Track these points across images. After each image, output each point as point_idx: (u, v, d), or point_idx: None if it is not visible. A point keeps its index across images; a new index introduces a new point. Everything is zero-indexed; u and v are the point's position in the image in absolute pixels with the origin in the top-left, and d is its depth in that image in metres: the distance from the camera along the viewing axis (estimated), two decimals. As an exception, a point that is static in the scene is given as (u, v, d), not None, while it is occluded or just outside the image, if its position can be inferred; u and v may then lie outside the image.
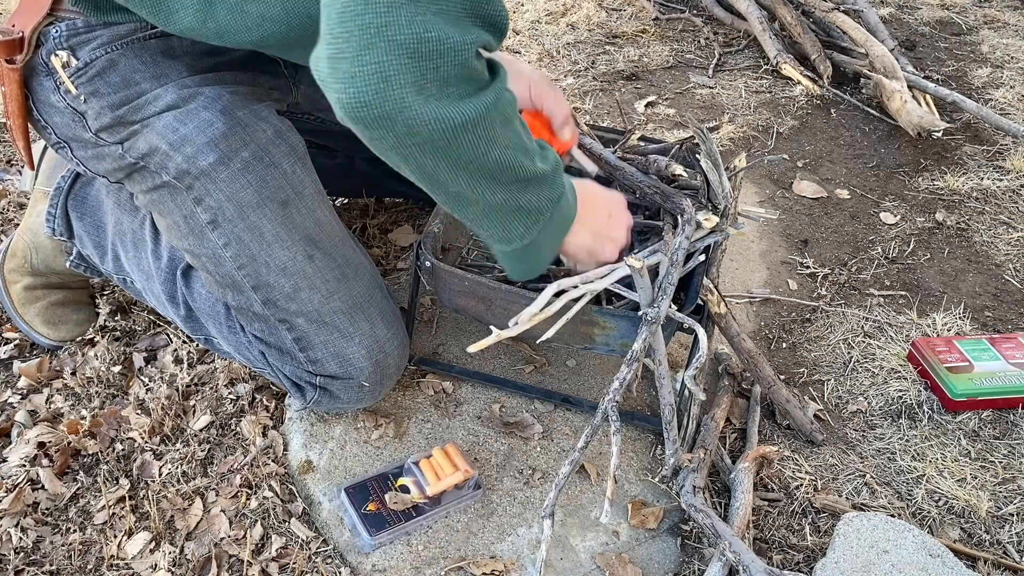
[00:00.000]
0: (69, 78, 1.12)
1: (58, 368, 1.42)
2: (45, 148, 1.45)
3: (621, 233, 1.16)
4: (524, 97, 1.25)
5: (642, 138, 1.45)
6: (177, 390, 1.36)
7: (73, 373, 1.40)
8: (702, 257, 1.21)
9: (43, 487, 1.22)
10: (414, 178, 0.93)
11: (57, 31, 1.11)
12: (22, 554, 1.13)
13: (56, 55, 1.11)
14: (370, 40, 0.79)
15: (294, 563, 1.13)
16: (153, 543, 1.15)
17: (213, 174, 1.14)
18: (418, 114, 0.83)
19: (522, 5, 2.89)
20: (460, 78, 0.84)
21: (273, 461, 1.26)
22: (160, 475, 1.24)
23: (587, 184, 1.16)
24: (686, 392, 1.29)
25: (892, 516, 1.21)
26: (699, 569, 1.14)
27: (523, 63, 1.27)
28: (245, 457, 1.26)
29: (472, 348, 1.09)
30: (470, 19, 0.83)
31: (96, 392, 1.37)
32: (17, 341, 1.46)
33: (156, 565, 1.12)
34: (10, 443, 1.28)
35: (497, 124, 0.89)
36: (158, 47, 1.14)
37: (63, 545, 1.15)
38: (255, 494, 1.22)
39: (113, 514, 1.19)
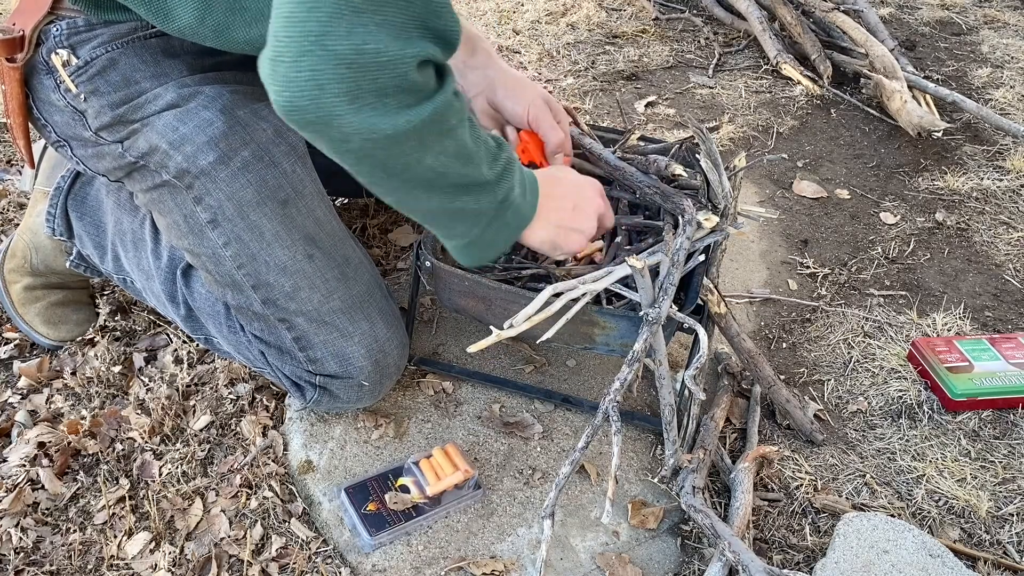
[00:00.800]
0: (69, 77, 1.12)
1: (58, 368, 1.41)
2: (45, 148, 1.45)
3: (588, 224, 1.15)
4: (521, 118, 1.25)
5: (642, 138, 1.45)
6: (177, 390, 1.36)
7: (73, 373, 1.40)
8: (702, 257, 1.21)
9: (43, 487, 1.22)
10: (356, 178, 0.96)
11: (57, 30, 1.11)
12: (22, 554, 1.13)
13: (56, 54, 1.11)
14: (308, 47, 0.81)
15: (294, 563, 1.13)
16: (153, 543, 1.15)
17: (213, 173, 1.14)
18: (350, 123, 0.84)
19: (522, 5, 2.89)
20: (398, 89, 0.84)
21: (273, 461, 1.26)
22: (160, 475, 1.24)
23: (554, 176, 1.15)
24: (686, 392, 1.29)
25: (892, 516, 1.21)
26: (699, 569, 1.14)
27: (530, 83, 1.27)
28: (245, 457, 1.26)
29: (472, 348, 1.09)
30: (416, 31, 0.84)
31: (96, 392, 1.37)
32: (17, 341, 1.46)
33: (156, 565, 1.12)
34: (10, 443, 1.28)
35: (433, 134, 0.90)
36: (158, 46, 1.14)
37: (63, 545, 1.15)
38: (255, 494, 1.21)
39: (113, 514, 1.19)
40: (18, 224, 1.57)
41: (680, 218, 1.18)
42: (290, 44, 0.81)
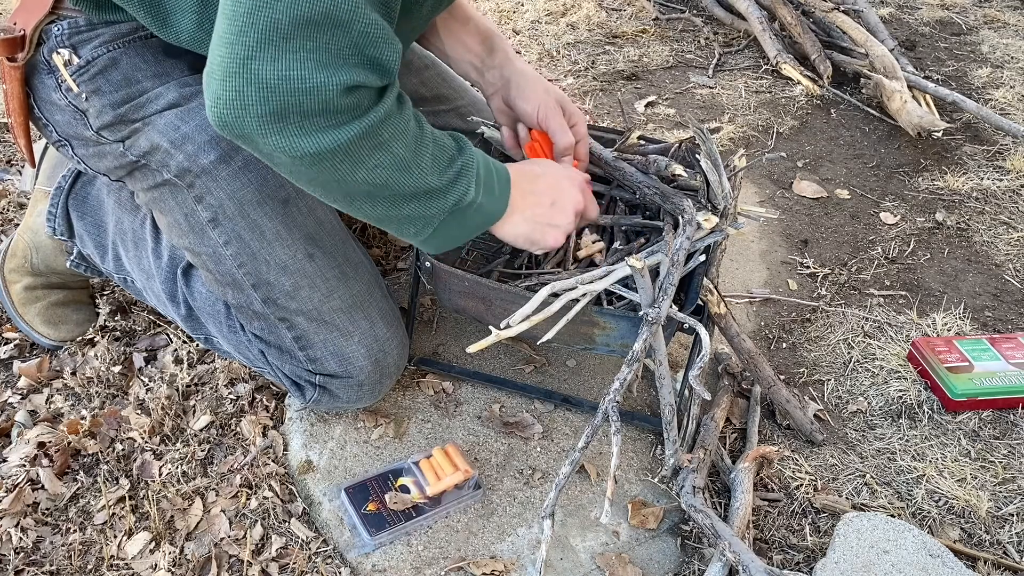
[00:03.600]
0: (71, 76, 1.12)
1: (58, 368, 1.41)
2: (45, 147, 1.45)
3: (565, 220, 1.15)
4: (532, 117, 1.25)
5: (641, 138, 1.45)
6: (177, 390, 1.36)
7: (73, 373, 1.40)
8: (702, 257, 1.21)
9: (43, 487, 1.22)
10: None
11: (59, 29, 1.11)
12: (22, 554, 1.13)
13: (58, 53, 1.11)
14: (235, 69, 0.84)
15: (294, 563, 1.13)
16: (153, 543, 1.15)
17: (214, 172, 1.14)
18: (274, 142, 0.88)
19: (522, 5, 2.89)
20: (322, 112, 0.87)
21: (273, 461, 1.26)
22: (160, 475, 1.24)
23: (532, 172, 1.15)
24: (686, 392, 1.29)
25: (892, 516, 1.21)
26: (699, 569, 1.14)
27: (544, 83, 1.27)
28: (245, 457, 1.26)
29: (471, 348, 1.09)
30: (350, 59, 0.87)
31: (96, 392, 1.37)
32: (17, 341, 1.46)
33: (156, 565, 1.12)
34: (10, 443, 1.28)
35: (364, 150, 0.92)
36: (160, 46, 1.14)
37: (63, 545, 1.15)
38: (255, 494, 1.21)
39: (113, 514, 1.19)
40: (18, 224, 1.57)
41: (680, 218, 1.18)
42: (221, 63, 0.85)
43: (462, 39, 1.29)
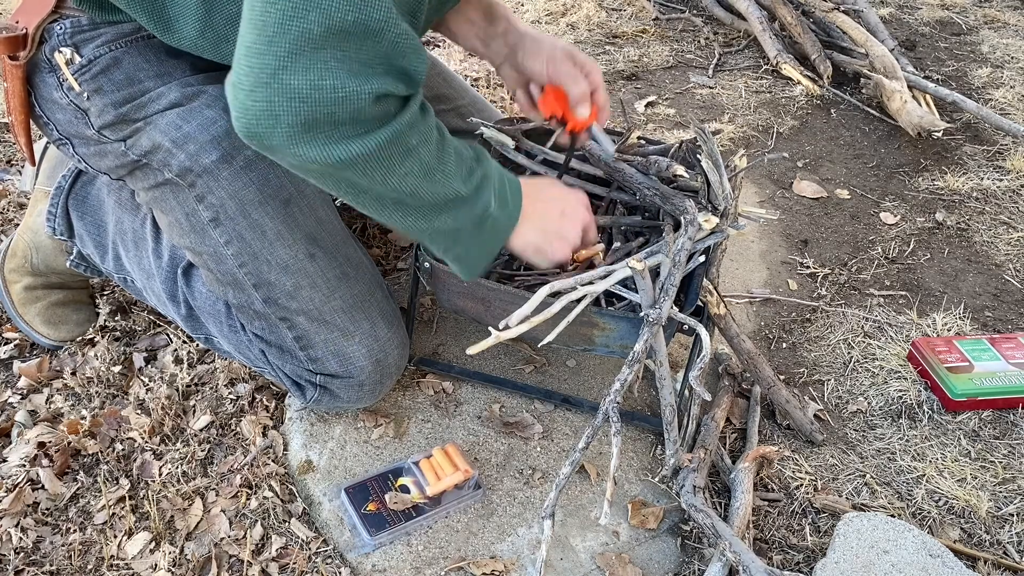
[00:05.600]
0: (73, 75, 1.12)
1: (58, 368, 1.41)
2: (46, 147, 1.45)
3: (574, 232, 1.15)
4: (542, 73, 1.24)
5: (641, 138, 1.45)
6: (177, 390, 1.36)
7: (73, 373, 1.40)
8: (702, 258, 1.21)
9: (43, 487, 1.22)
10: None
11: (61, 28, 1.11)
12: (22, 554, 1.13)
13: (60, 52, 1.11)
14: (265, 80, 0.84)
15: (294, 563, 1.13)
16: (153, 543, 1.15)
17: (215, 172, 1.14)
18: (305, 152, 0.88)
19: (522, 5, 2.89)
20: (353, 121, 0.87)
21: (273, 461, 1.26)
22: (160, 475, 1.24)
23: (540, 184, 1.16)
24: (686, 392, 1.29)
25: (892, 516, 1.21)
26: (699, 569, 1.14)
27: (550, 38, 1.25)
28: (245, 457, 1.26)
29: (472, 350, 1.08)
30: (379, 68, 0.87)
31: (96, 392, 1.36)
32: (17, 341, 1.46)
33: (156, 565, 1.12)
34: (10, 443, 1.28)
35: (393, 156, 0.92)
36: (162, 45, 1.14)
37: (63, 545, 1.15)
38: (255, 494, 1.21)
39: (113, 514, 1.19)
40: (18, 224, 1.57)
41: (682, 219, 1.18)
42: (249, 74, 0.84)
43: (465, 14, 1.29)
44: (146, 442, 1.28)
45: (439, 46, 2.51)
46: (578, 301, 1.11)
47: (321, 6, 0.82)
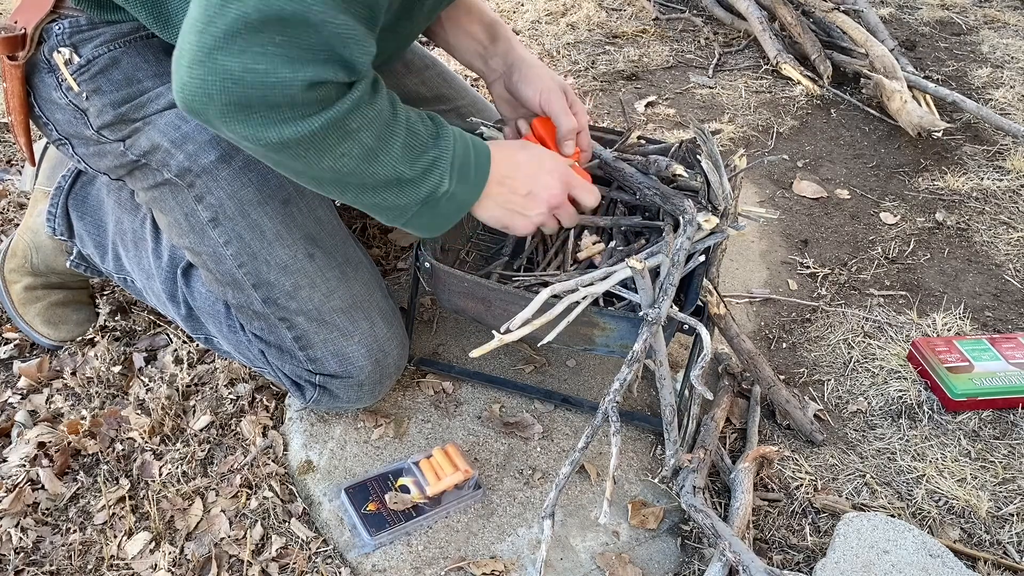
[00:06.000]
0: (71, 75, 1.12)
1: (58, 368, 1.41)
2: (46, 147, 1.45)
3: (537, 211, 1.14)
4: (533, 102, 1.25)
5: (641, 138, 1.45)
6: (177, 390, 1.36)
7: (73, 373, 1.40)
8: (702, 258, 1.21)
9: (43, 487, 1.22)
10: None
11: (60, 28, 1.11)
12: (22, 554, 1.13)
13: (59, 52, 1.11)
14: (202, 58, 0.85)
15: (294, 563, 1.13)
16: (153, 543, 1.15)
17: (214, 172, 1.14)
18: (238, 130, 0.89)
19: (522, 5, 2.89)
20: (289, 105, 0.88)
21: (273, 461, 1.26)
22: (160, 475, 1.24)
23: (514, 157, 1.13)
24: (686, 392, 1.29)
25: (892, 516, 1.21)
26: (699, 569, 1.14)
27: (546, 69, 1.27)
28: (245, 457, 1.26)
29: (474, 353, 1.08)
30: (320, 55, 0.87)
31: (96, 392, 1.36)
32: (17, 341, 1.46)
33: (156, 565, 1.12)
34: (10, 443, 1.28)
35: (330, 139, 0.92)
36: (160, 45, 1.14)
37: (63, 545, 1.15)
38: (255, 494, 1.21)
39: (113, 514, 1.19)
40: (18, 224, 1.57)
41: (681, 219, 1.18)
42: (189, 50, 0.86)
43: (466, 28, 1.29)
44: (146, 442, 1.28)
45: (439, 46, 2.51)
46: (578, 303, 1.11)
47: None
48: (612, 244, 1.30)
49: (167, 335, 1.47)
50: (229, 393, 1.36)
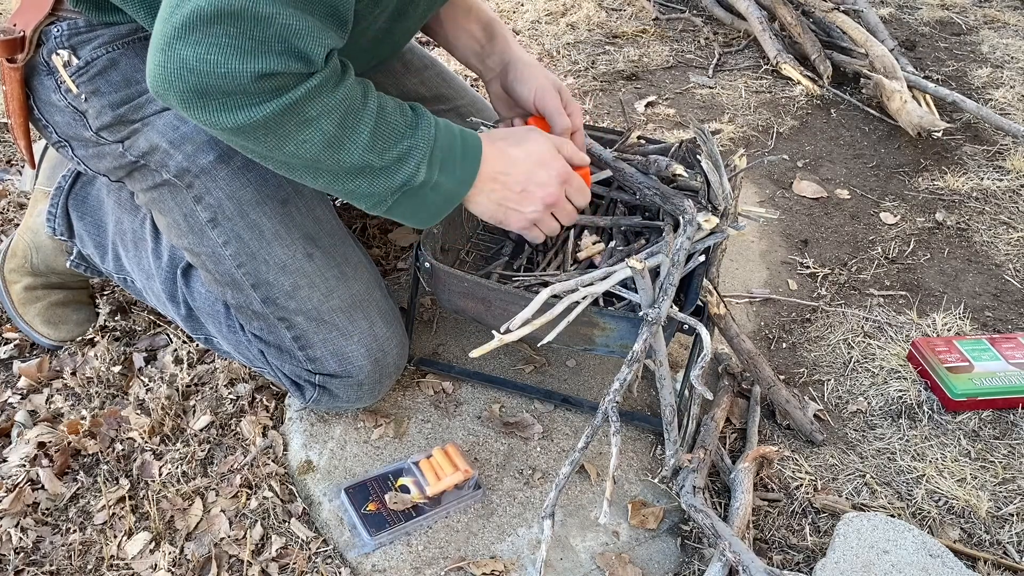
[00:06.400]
0: (70, 77, 1.12)
1: (58, 368, 1.42)
2: (45, 148, 1.45)
3: (531, 208, 1.13)
4: (528, 101, 1.25)
5: (641, 138, 1.45)
6: (177, 390, 1.36)
7: (73, 373, 1.40)
8: (702, 258, 1.21)
9: (43, 487, 1.22)
10: None
11: (58, 30, 1.11)
12: (22, 554, 1.13)
13: (57, 54, 1.11)
14: (163, 46, 0.89)
15: (294, 563, 1.13)
16: (153, 543, 1.15)
17: (213, 172, 1.14)
18: (197, 115, 0.92)
19: (522, 5, 2.89)
20: (241, 93, 0.91)
21: (273, 461, 1.26)
22: (160, 475, 1.24)
23: (511, 153, 1.12)
24: (686, 392, 1.29)
25: (892, 516, 1.21)
26: (699, 569, 1.14)
27: (542, 69, 1.28)
28: (245, 457, 1.26)
29: (474, 353, 1.08)
30: (275, 48, 0.89)
31: (96, 392, 1.37)
32: (17, 341, 1.46)
33: (156, 565, 1.12)
34: (10, 443, 1.28)
35: (288, 125, 0.94)
36: (158, 46, 1.14)
37: (63, 545, 1.15)
38: (255, 494, 1.21)
39: (113, 514, 1.19)
40: (18, 224, 1.58)
41: (681, 219, 1.18)
42: (156, 38, 0.89)
43: (465, 27, 1.30)
44: (146, 442, 1.28)
45: (439, 46, 2.51)
46: (578, 303, 1.11)
47: None
48: (612, 244, 1.30)
49: (167, 335, 1.47)
50: (229, 393, 1.36)
